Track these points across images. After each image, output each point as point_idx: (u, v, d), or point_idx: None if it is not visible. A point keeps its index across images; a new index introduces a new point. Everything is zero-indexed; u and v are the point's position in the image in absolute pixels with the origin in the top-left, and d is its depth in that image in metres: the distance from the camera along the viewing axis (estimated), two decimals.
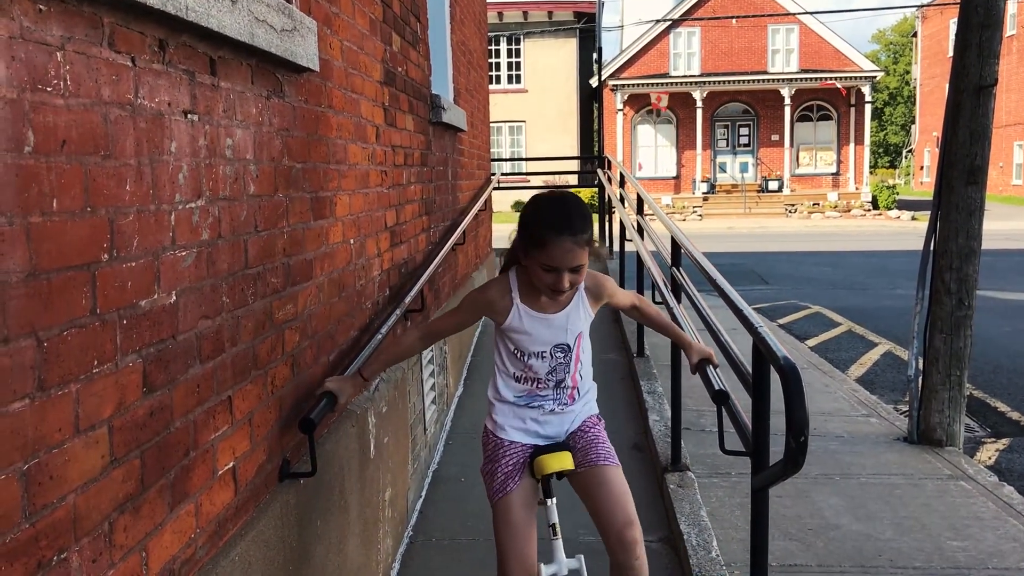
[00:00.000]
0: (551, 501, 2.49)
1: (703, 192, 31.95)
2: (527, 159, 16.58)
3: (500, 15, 30.51)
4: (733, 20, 31.65)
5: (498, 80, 31.47)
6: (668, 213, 22.04)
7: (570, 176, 24.82)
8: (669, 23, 31.96)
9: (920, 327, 5.29)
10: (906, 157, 57.80)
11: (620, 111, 31.98)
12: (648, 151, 33.26)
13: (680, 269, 4.55)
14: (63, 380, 1.40)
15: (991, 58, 4.97)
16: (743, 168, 33.12)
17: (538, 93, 31.84)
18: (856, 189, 32.05)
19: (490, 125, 9.85)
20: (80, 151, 1.45)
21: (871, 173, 37.74)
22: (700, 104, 31.45)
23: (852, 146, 32.67)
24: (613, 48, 35.91)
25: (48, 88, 1.36)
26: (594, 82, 30.78)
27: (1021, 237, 20.75)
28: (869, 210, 30.54)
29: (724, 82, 31.54)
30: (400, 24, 4.20)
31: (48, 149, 1.36)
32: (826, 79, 31.07)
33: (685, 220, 28.82)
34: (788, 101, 31.29)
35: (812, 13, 32.08)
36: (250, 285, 2.20)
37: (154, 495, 1.69)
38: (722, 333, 3.20)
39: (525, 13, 31.27)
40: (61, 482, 1.39)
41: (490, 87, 10.61)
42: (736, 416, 2.82)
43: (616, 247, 10.39)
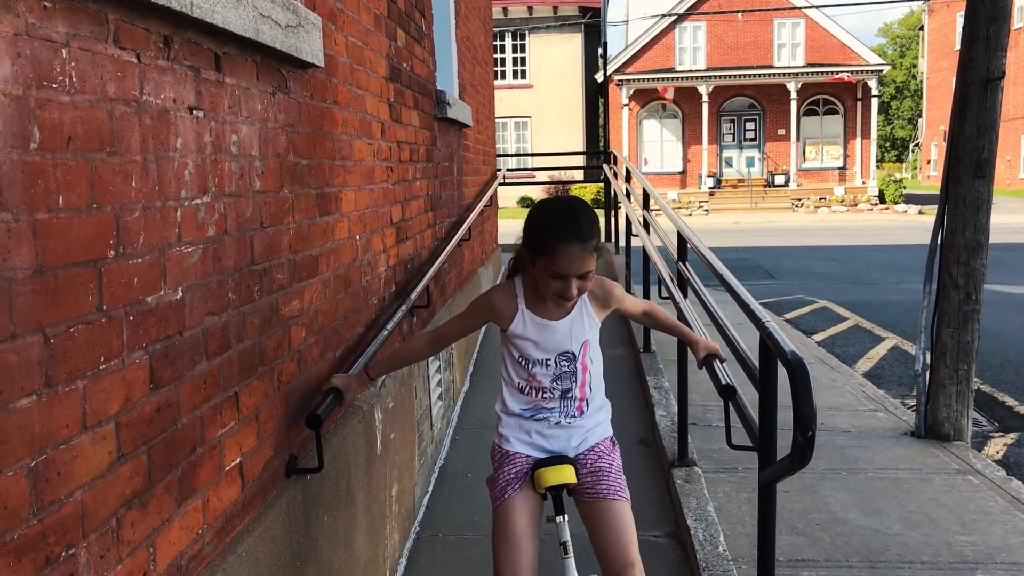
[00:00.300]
0: (562, 518, 2.39)
1: (709, 187, 31.89)
2: (533, 154, 16.59)
3: (505, 10, 30.48)
4: (739, 14, 31.58)
5: (503, 75, 31.44)
6: (674, 208, 21.98)
7: (576, 171, 24.78)
8: (674, 17, 31.89)
9: (927, 321, 5.28)
10: (913, 151, 57.61)
11: (626, 106, 31.93)
12: (654, 146, 33.20)
13: (686, 264, 4.54)
14: (70, 377, 1.40)
15: (998, 51, 4.94)
16: (749, 163, 33.06)
17: (543, 88, 31.81)
18: (863, 183, 31.97)
19: (495, 120, 9.84)
20: (86, 148, 1.45)
21: (878, 167, 37.66)
22: (706, 99, 31.38)
23: (859, 140, 32.58)
24: (618, 43, 35.76)
25: (53, 85, 1.36)
26: (599, 77, 30.71)
27: None
28: (876, 204, 30.46)
29: (730, 76, 31.47)
30: (405, 20, 4.19)
31: (54, 146, 1.36)
32: (832, 73, 30.98)
33: (691, 215, 28.79)
34: (794, 95, 31.21)
35: (818, 7, 31.96)
36: (256, 281, 2.20)
37: (161, 491, 1.69)
38: (729, 328, 3.19)
39: (530, 8, 31.23)
40: (69, 478, 1.39)
41: (495, 82, 10.60)
42: (743, 411, 2.81)
43: (622, 242, 10.38)
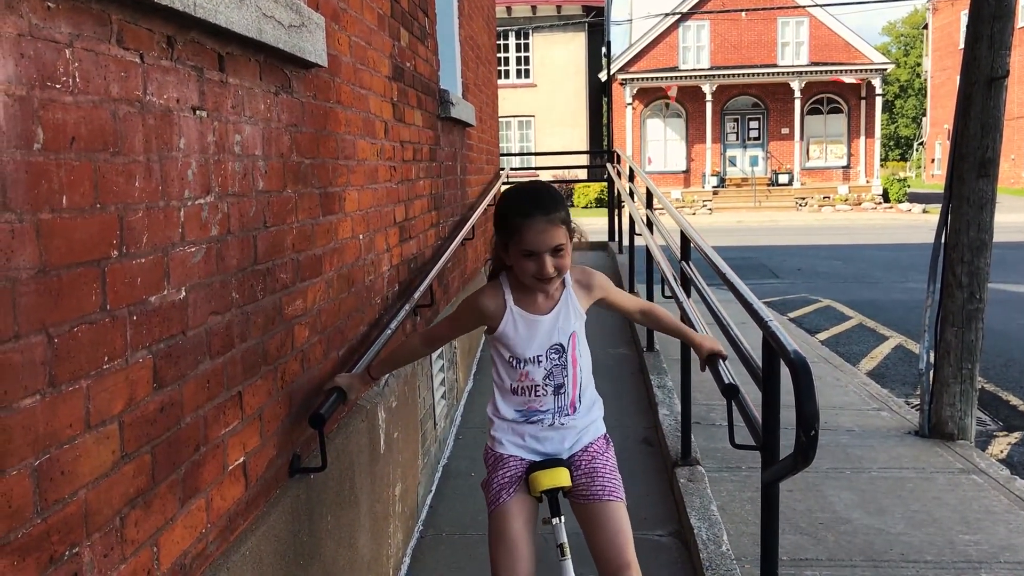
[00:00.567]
0: (558, 520, 2.39)
1: (713, 186, 31.86)
2: (536, 153, 16.60)
3: (508, 9, 30.47)
4: (743, 13, 31.53)
5: (507, 75, 31.45)
6: (677, 207, 21.97)
7: (579, 171, 24.78)
8: (678, 16, 31.85)
9: (931, 320, 5.27)
10: (917, 150, 57.49)
11: (629, 105, 31.91)
12: (657, 145, 33.17)
13: (690, 263, 4.54)
14: (74, 376, 1.41)
15: (1003, 50, 4.93)
16: (753, 162, 33.01)
17: (547, 87, 31.80)
18: (867, 182, 31.92)
19: (499, 120, 9.85)
20: (89, 148, 1.45)
21: (882, 166, 37.61)
22: (710, 98, 31.35)
23: (863, 139, 32.52)
24: (622, 42, 35.78)
25: (57, 85, 1.37)
26: (603, 76, 30.66)
27: None
28: (880, 203, 30.41)
29: (734, 75, 31.43)
30: (408, 19, 4.19)
31: (57, 146, 1.37)
32: (836, 72, 30.92)
33: (695, 214, 28.76)
34: (798, 94, 31.15)
35: (822, 6, 31.91)
36: (259, 281, 2.20)
37: (165, 490, 1.69)
38: (732, 327, 3.19)
39: (534, 7, 31.22)
40: (72, 478, 1.40)
41: (499, 82, 10.61)
42: (746, 410, 2.81)
43: (625, 242, 10.38)
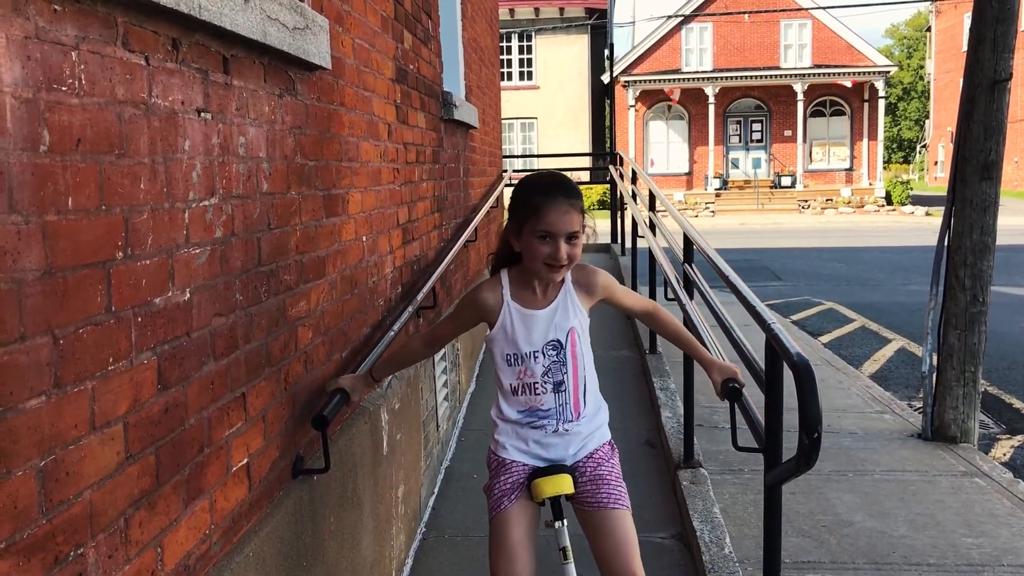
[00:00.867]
0: (561, 524, 2.38)
1: (715, 188, 31.85)
2: (539, 156, 16.61)
3: (511, 12, 30.48)
4: (745, 15, 31.53)
5: (510, 77, 31.45)
6: (680, 209, 21.96)
7: (582, 173, 24.76)
8: (681, 19, 31.86)
9: (934, 323, 5.27)
10: (920, 152, 57.46)
11: (632, 107, 31.92)
12: (660, 147, 33.18)
13: (692, 265, 4.54)
14: (79, 377, 1.41)
15: (1006, 52, 4.93)
16: (756, 164, 33.01)
17: (550, 89, 31.80)
18: (870, 185, 31.90)
19: (502, 122, 9.85)
20: (95, 150, 1.46)
21: (885, 168, 37.58)
22: (712, 100, 31.35)
23: (866, 141, 32.51)
24: (625, 44, 35.86)
25: (63, 88, 1.37)
26: (606, 78, 30.73)
27: None
28: (883, 206, 30.40)
29: (736, 78, 31.43)
30: (412, 21, 4.20)
31: (63, 148, 1.37)
32: (839, 74, 30.91)
33: (697, 216, 28.76)
34: (801, 96, 31.15)
35: (825, 8, 31.92)
36: (263, 282, 2.21)
37: (169, 491, 1.70)
38: (735, 329, 3.19)
39: (536, 9, 31.22)
40: (77, 478, 1.40)
41: (502, 84, 10.61)
42: (749, 413, 2.81)
43: (628, 243, 10.38)
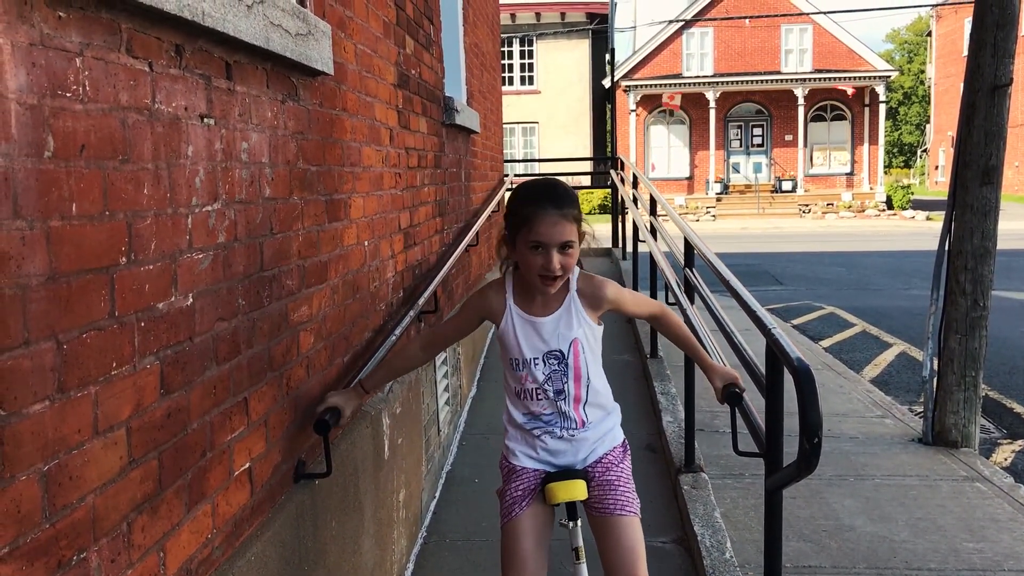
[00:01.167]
0: (574, 524, 2.39)
1: (716, 193, 31.86)
2: (540, 160, 16.64)
3: (513, 17, 30.52)
4: (746, 20, 31.57)
5: (511, 81, 31.49)
6: (681, 214, 21.96)
7: (583, 177, 24.81)
8: (682, 23, 31.90)
9: (935, 328, 5.27)
10: (921, 157, 57.49)
11: (633, 112, 31.94)
12: (661, 152, 33.20)
13: (693, 270, 4.54)
14: (82, 382, 1.42)
15: (1006, 57, 4.94)
16: (756, 168, 33.02)
17: (551, 94, 31.84)
18: (870, 189, 31.90)
19: (503, 126, 9.87)
20: (99, 156, 1.47)
21: (885, 173, 37.56)
22: (713, 104, 31.38)
23: (866, 146, 32.52)
24: (626, 49, 35.86)
25: (67, 94, 1.38)
26: (607, 83, 30.73)
27: None
28: (883, 210, 30.39)
29: (737, 82, 31.46)
30: (413, 27, 4.21)
31: (67, 154, 1.38)
32: (840, 79, 30.93)
33: (698, 221, 28.75)
34: (802, 101, 31.18)
35: (826, 13, 31.95)
36: (265, 287, 2.21)
37: (171, 495, 1.70)
38: (735, 334, 3.20)
39: (538, 15, 31.28)
40: (80, 483, 1.41)
41: (503, 88, 10.63)
42: (750, 417, 2.81)
43: (629, 248, 10.39)
